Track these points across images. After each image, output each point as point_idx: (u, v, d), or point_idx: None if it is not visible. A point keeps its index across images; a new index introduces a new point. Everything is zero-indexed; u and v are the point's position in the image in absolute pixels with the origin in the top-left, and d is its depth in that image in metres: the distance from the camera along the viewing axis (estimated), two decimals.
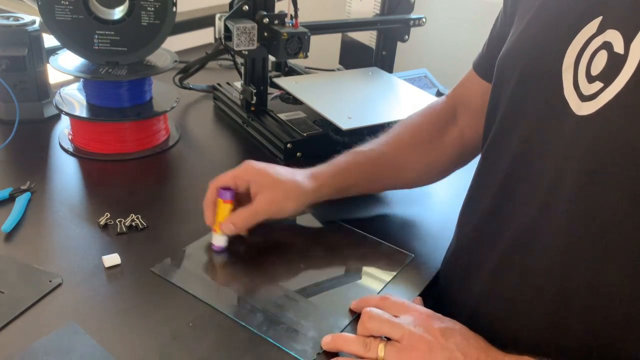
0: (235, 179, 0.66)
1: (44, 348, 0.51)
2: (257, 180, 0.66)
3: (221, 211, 0.66)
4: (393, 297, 0.58)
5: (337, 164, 0.71)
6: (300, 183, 0.67)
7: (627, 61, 0.45)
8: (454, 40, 1.37)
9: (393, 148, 0.73)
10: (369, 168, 0.72)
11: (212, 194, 0.66)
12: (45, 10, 0.78)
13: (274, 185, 0.66)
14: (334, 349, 0.54)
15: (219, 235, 0.66)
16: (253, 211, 0.65)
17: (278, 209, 0.66)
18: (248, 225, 0.66)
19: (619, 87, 0.45)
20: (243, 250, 0.68)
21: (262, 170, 0.67)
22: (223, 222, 0.65)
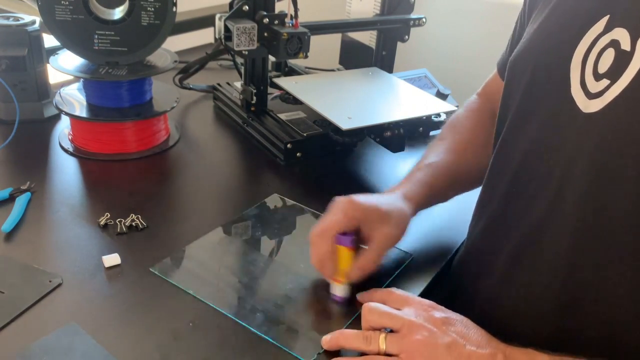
0: (349, 219, 0.60)
1: (44, 348, 0.51)
2: (368, 217, 0.61)
3: (344, 259, 0.60)
4: (397, 290, 0.58)
5: (422, 181, 0.69)
6: (404, 210, 0.64)
7: (633, 58, 0.46)
8: (454, 40, 1.37)
9: (459, 156, 0.73)
10: (446, 180, 0.71)
11: (328, 243, 0.59)
12: (45, 10, 0.78)
13: (385, 219, 0.61)
14: (335, 346, 0.54)
15: (341, 285, 0.60)
16: (378, 252, 0.61)
17: (394, 241, 0.63)
18: (375, 267, 0.61)
19: (625, 83, 0.46)
20: (243, 250, 0.68)
21: (367, 205, 0.62)
22: (350, 271, 0.60)
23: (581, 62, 0.50)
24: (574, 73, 0.50)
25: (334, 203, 0.62)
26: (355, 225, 0.61)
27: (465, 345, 0.50)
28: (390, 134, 0.85)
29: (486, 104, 0.77)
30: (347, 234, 0.60)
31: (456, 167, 0.72)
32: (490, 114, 0.76)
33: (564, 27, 0.53)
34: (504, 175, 0.59)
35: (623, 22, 0.48)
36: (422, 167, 0.71)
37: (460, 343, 0.50)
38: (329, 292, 0.61)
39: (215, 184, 0.83)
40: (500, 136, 0.61)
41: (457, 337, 0.51)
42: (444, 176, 0.71)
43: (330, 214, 0.61)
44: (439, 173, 0.71)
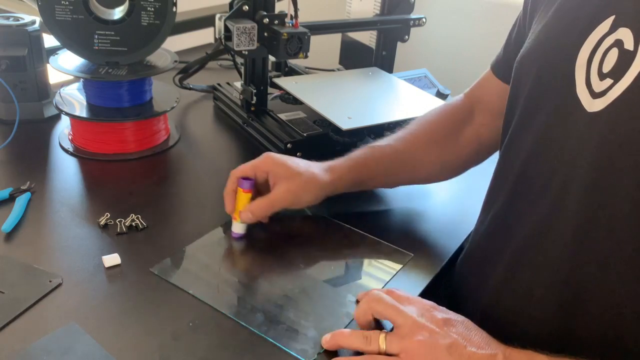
0: (254, 169, 0.68)
1: (44, 348, 0.51)
2: (276, 171, 0.68)
3: (241, 200, 0.68)
4: (398, 290, 0.58)
5: (354, 158, 0.73)
6: (317, 175, 0.69)
7: (636, 57, 0.46)
8: (454, 40, 1.37)
9: (409, 144, 0.74)
10: (384, 163, 0.73)
11: (233, 183, 0.69)
12: (45, 10, 0.78)
13: (292, 176, 0.68)
14: (335, 346, 0.54)
15: (238, 223, 0.68)
16: (271, 200, 0.67)
17: (295, 199, 0.68)
18: (266, 214, 0.69)
19: (628, 82, 0.46)
20: (243, 250, 0.68)
21: (280, 161, 0.69)
22: (242, 211, 0.67)
23: (586, 61, 0.50)
24: (579, 72, 0.51)
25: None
26: (261, 176, 0.69)
27: (466, 346, 0.50)
28: (390, 134, 0.85)
29: (466, 104, 0.77)
30: (248, 179, 0.68)
31: (403, 155, 0.74)
32: (466, 114, 0.76)
33: (569, 27, 0.53)
34: (509, 175, 0.60)
35: (628, 22, 0.48)
36: (364, 147, 0.74)
37: (461, 344, 0.50)
38: (328, 292, 0.62)
39: (215, 184, 0.82)
40: (507, 136, 0.62)
41: (458, 338, 0.51)
42: (385, 160, 0.73)
43: (247, 162, 0.70)
44: (380, 156, 0.73)
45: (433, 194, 0.84)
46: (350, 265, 0.67)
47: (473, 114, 0.76)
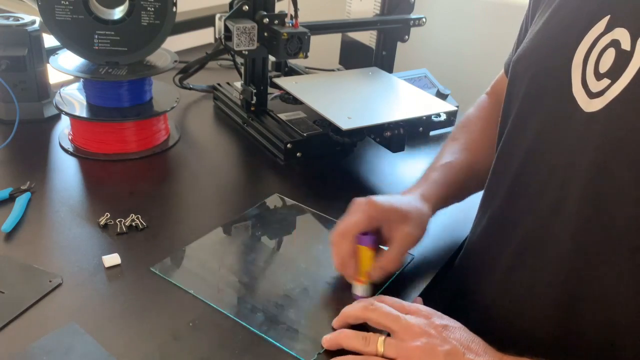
0: (371, 220, 0.61)
1: (44, 348, 0.51)
2: (389, 218, 0.62)
3: (366, 259, 0.60)
4: (392, 298, 0.58)
5: (438, 182, 0.70)
6: (422, 210, 0.65)
7: (633, 57, 0.46)
8: (454, 40, 1.37)
9: (473, 155, 0.73)
10: (463, 179, 0.72)
11: (350, 244, 0.60)
12: (45, 10, 0.78)
13: (405, 219, 0.62)
14: (335, 345, 0.54)
15: (362, 286, 0.61)
16: (399, 251, 0.61)
17: (415, 241, 0.63)
18: (398, 267, 0.62)
19: (625, 83, 0.46)
20: (243, 250, 0.68)
21: (389, 206, 0.62)
22: (371, 271, 0.60)
23: (582, 61, 0.50)
24: (575, 72, 0.51)
25: (353, 204, 0.63)
26: (376, 226, 0.61)
27: (464, 353, 0.50)
28: (390, 134, 0.85)
29: (495, 103, 0.77)
30: (368, 234, 0.60)
31: (470, 166, 0.73)
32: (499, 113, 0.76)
33: (565, 28, 0.53)
34: (507, 175, 0.59)
35: (624, 22, 0.48)
36: (437, 167, 0.72)
37: (459, 351, 0.50)
38: (329, 292, 0.61)
39: (215, 184, 0.83)
40: (503, 136, 0.61)
41: (456, 345, 0.51)
42: (459, 176, 0.71)
43: (351, 215, 0.61)
44: (454, 173, 0.72)
45: None
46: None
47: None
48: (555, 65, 0.53)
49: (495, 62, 0.79)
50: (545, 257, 0.54)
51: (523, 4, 0.67)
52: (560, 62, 0.52)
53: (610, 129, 0.47)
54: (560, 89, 0.52)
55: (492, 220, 0.62)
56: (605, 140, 0.47)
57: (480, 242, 0.65)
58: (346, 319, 0.56)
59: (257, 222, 0.73)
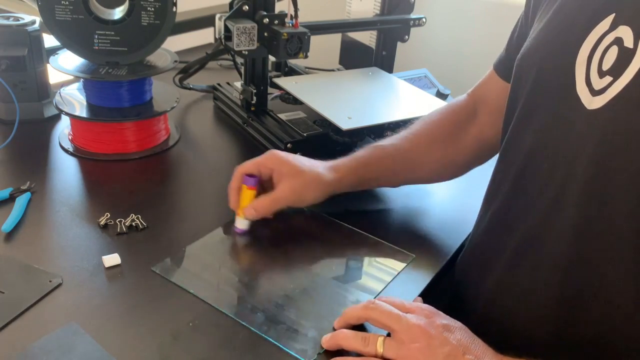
0: (259, 166, 0.69)
1: (44, 348, 0.51)
2: (280, 169, 0.69)
3: (245, 197, 0.69)
4: (394, 298, 0.58)
5: (358, 157, 0.73)
6: (321, 174, 0.69)
7: (635, 55, 0.46)
8: (454, 40, 1.37)
9: (411, 143, 0.75)
10: (387, 163, 0.74)
11: (238, 180, 0.69)
12: (45, 10, 0.78)
13: (296, 174, 0.68)
14: (334, 346, 0.54)
15: (241, 219, 0.69)
16: (274, 198, 0.68)
17: (298, 197, 0.69)
18: (269, 211, 0.69)
19: (627, 80, 0.47)
20: (244, 250, 0.68)
21: (285, 159, 0.70)
22: (246, 208, 0.68)
23: (586, 59, 0.51)
24: (579, 70, 0.51)
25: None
26: (267, 174, 0.69)
27: (464, 354, 0.50)
28: (390, 134, 0.85)
29: (469, 103, 0.77)
30: (253, 176, 0.69)
31: (406, 154, 0.74)
32: (469, 113, 0.76)
33: (570, 26, 0.53)
34: (509, 172, 0.60)
35: (628, 20, 0.48)
36: (367, 147, 0.75)
37: (459, 352, 0.50)
38: (329, 292, 0.62)
39: (216, 184, 0.82)
40: (507, 134, 0.62)
41: (456, 345, 0.51)
42: (388, 159, 0.73)
43: (252, 159, 0.70)
44: (384, 156, 0.73)
45: (433, 192, 0.84)
46: (352, 266, 0.67)
47: (476, 113, 0.76)
48: (559, 63, 0.53)
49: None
50: (544, 255, 0.54)
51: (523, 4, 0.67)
52: (564, 60, 0.52)
53: (610, 126, 0.47)
54: (564, 87, 0.52)
55: (494, 217, 0.63)
56: (605, 138, 0.48)
57: (482, 239, 0.65)
58: (347, 320, 0.56)
59: (257, 222, 0.73)
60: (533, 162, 0.56)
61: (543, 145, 0.55)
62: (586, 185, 0.49)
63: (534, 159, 0.56)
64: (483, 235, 0.65)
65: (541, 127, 0.55)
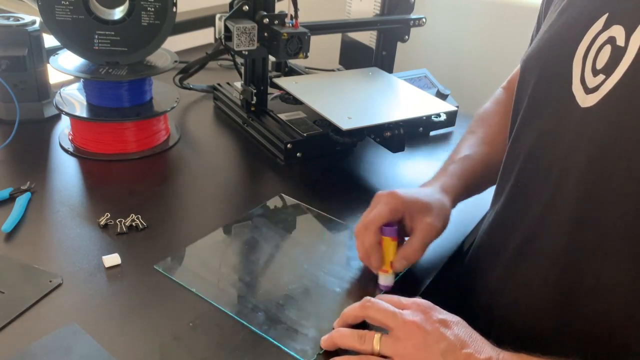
0: (393, 212, 0.63)
1: (44, 348, 0.51)
2: (411, 209, 0.64)
3: (390, 249, 0.62)
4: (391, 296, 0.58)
5: (457, 174, 0.71)
6: (443, 201, 0.67)
7: (626, 53, 0.47)
8: (454, 40, 1.37)
9: (491, 148, 0.74)
10: (481, 172, 0.73)
11: (375, 234, 0.62)
12: (46, 10, 0.78)
13: (427, 211, 0.64)
14: (332, 345, 0.54)
15: (387, 275, 0.63)
16: (421, 241, 0.63)
17: (437, 232, 0.65)
18: (419, 257, 0.64)
19: (618, 77, 0.47)
20: (245, 250, 0.68)
21: (410, 198, 0.65)
22: (395, 260, 0.62)
23: (582, 58, 0.51)
24: (576, 70, 0.52)
25: (376, 197, 0.65)
26: (398, 217, 0.63)
27: (461, 349, 0.50)
28: (390, 134, 0.85)
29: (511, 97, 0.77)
30: (390, 226, 0.62)
31: (488, 159, 0.74)
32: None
33: (569, 27, 0.54)
34: (512, 172, 0.61)
35: (620, 19, 0.49)
36: (455, 159, 0.73)
37: (456, 347, 0.50)
38: (330, 292, 0.62)
39: (215, 184, 0.83)
40: (512, 134, 0.62)
41: (453, 340, 0.50)
42: (477, 168, 0.73)
43: (374, 207, 0.64)
44: (473, 165, 0.73)
45: None
46: (353, 266, 0.67)
47: None
48: (558, 64, 0.54)
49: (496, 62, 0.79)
50: (542, 252, 0.54)
51: (524, 4, 0.67)
52: (562, 61, 0.53)
53: (603, 123, 0.48)
54: (562, 86, 0.53)
55: (498, 216, 0.64)
56: (598, 135, 0.48)
57: (488, 236, 0.66)
58: (346, 320, 0.56)
59: (258, 221, 0.73)
60: (532, 161, 0.57)
61: (541, 145, 0.56)
62: (580, 183, 0.50)
63: (534, 158, 0.57)
64: (488, 233, 0.66)
65: (541, 127, 0.56)
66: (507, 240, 0.59)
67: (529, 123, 0.58)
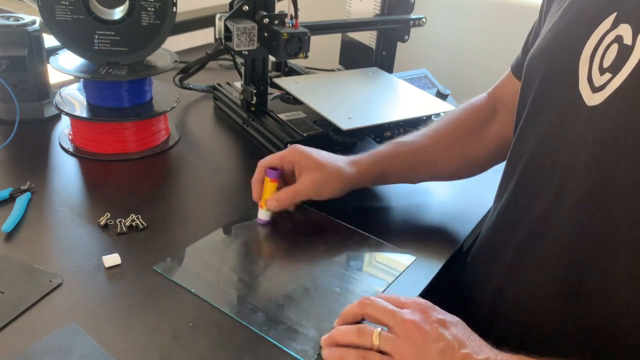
0: (281, 159, 0.71)
1: (44, 348, 0.51)
2: (301, 163, 0.70)
3: (267, 189, 0.71)
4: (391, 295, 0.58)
5: (378, 153, 0.74)
6: (342, 168, 0.70)
7: (633, 51, 0.47)
8: (454, 41, 1.37)
9: (432, 140, 0.76)
10: (408, 159, 0.74)
11: (260, 172, 0.71)
12: (46, 10, 0.78)
13: (317, 168, 0.69)
14: (332, 343, 0.54)
15: (264, 210, 0.71)
16: (295, 190, 0.70)
17: (319, 190, 0.70)
18: (290, 203, 0.71)
19: (625, 76, 0.47)
20: (245, 250, 0.68)
21: (306, 153, 0.71)
22: (268, 199, 0.70)
23: (589, 57, 0.52)
24: (582, 68, 0.52)
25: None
26: (289, 167, 0.71)
27: (458, 349, 0.50)
28: (390, 134, 0.85)
29: (489, 103, 0.78)
30: (275, 169, 0.70)
31: (426, 151, 0.75)
32: (489, 112, 0.77)
33: (575, 25, 0.54)
34: (515, 171, 0.61)
35: (628, 18, 0.49)
36: (388, 143, 0.76)
37: (454, 347, 0.50)
38: (330, 292, 0.62)
39: (215, 184, 0.83)
40: (516, 133, 0.62)
41: (451, 340, 0.50)
42: (409, 156, 0.74)
43: (274, 153, 0.72)
44: (404, 152, 0.74)
45: (434, 192, 0.84)
46: (353, 267, 0.67)
47: (496, 112, 0.77)
48: (564, 63, 0.54)
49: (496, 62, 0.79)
50: (546, 251, 0.54)
51: (524, 4, 0.67)
52: (568, 59, 0.53)
53: (609, 122, 0.48)
54: (568, 85, 0.53)
55: (500, 215, 0.64)
56: (604, 133, 0.48)
57: (491, 235, 0.66)
58: (345, 319, 0.56)
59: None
60: (536, 160, 0.57)
61: (546, 142, 0.56)
62: (585, 180, 0.50)
63: (538, 157, 0.57)
64: (491, 231, 0.66)
65: (545, 125, 0.56)
66: (509, 239, 0.59)
67: (534, 121, 0.58)
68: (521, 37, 0.73)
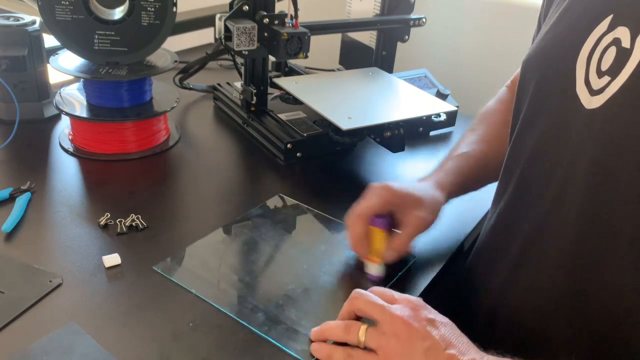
0: (387, 204, 0.65)
1: (44, 348, 0.51)
2: (404, 203, 0.66)
3: (377, 239, 0.64)
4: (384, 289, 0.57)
5: (453, 170, 0.72)
6: (436, 197, 0.68)
7: (632, 55, 0.47)
8: (454, 41, 1.37)
9: (490, 145, 0.75)
10: (477, 169, 0.74)
11: (365, 224, 0.64)
12: (46, 10, 0.78)
13: (418, 204, 0.66)
14: (320, 338, 0.54)
15: (377, 265, 0.64)
16: (410, 234, 0.65)
17: (426, 226, 0.66)
18: (407, 249, 0.66)
19: (624, 79, 0.47)
20: (245, 250, 0.68)
21: (403, 191, 0.66)
22: (386, 251, 0.64)
23: (586, 60, 0.51)
24: (580, 71, 0.52)
25: (369, 188, 0.66)
26: (389, 210, 0.65)
27: (444, 349, 0.50)
28: (390, 134, 0.85)
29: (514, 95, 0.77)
30: (381, 217, 0.64)
31: (486, 156, 0.74)
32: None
33: (572, 27, 0.54)
34: (513, 174, 0.60)
35: (625, 20, 0.49)
36: (453, 156, 0.74)
37: (440, 346, 0.50)
38: (330, 292, 0.62)
39: (215, 184, 0.83)
40: (513, 135, 0.62)
41: (438, 340, 0.50)
42: (474, 166, 0.73)
43: (367, 198, 0.65)
44: (470, 162, 0.73)
45: None
46: (353, 267, 0.67)
47: None
48: (561, 65, 0.54)
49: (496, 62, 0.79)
50: (547, 254, 0.54)
51: (523, 4, 0.67)
52: (565, 61, 0.53)
53: (608, 125, 0.48)
54: (565, 88, 0.53)
55: (500, 217, 0.63)
56: (603, 137, 0.48)
57: (489, 239, 0.66)
58: (341, 315, 0.56)
59: (258, 222, 0.73)
60: (535, 163, 0.57)
61: (545, 145, 0.55)
62: (586, 184, 0.50)
63: (536, 160, 0.56)
64: (490, 235, 0.66)
65: (543, 128, 0.56)
66: (510, 242, 0.59)
67: (531, 123, 0.58)
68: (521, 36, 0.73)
